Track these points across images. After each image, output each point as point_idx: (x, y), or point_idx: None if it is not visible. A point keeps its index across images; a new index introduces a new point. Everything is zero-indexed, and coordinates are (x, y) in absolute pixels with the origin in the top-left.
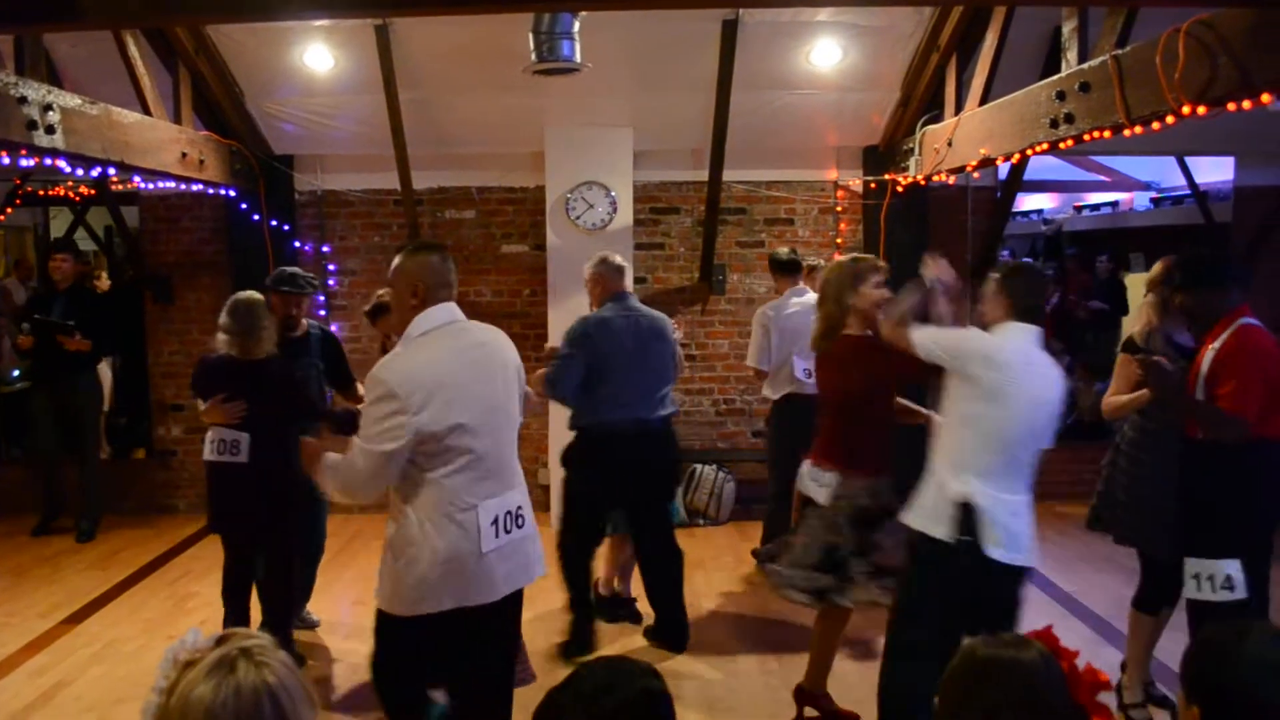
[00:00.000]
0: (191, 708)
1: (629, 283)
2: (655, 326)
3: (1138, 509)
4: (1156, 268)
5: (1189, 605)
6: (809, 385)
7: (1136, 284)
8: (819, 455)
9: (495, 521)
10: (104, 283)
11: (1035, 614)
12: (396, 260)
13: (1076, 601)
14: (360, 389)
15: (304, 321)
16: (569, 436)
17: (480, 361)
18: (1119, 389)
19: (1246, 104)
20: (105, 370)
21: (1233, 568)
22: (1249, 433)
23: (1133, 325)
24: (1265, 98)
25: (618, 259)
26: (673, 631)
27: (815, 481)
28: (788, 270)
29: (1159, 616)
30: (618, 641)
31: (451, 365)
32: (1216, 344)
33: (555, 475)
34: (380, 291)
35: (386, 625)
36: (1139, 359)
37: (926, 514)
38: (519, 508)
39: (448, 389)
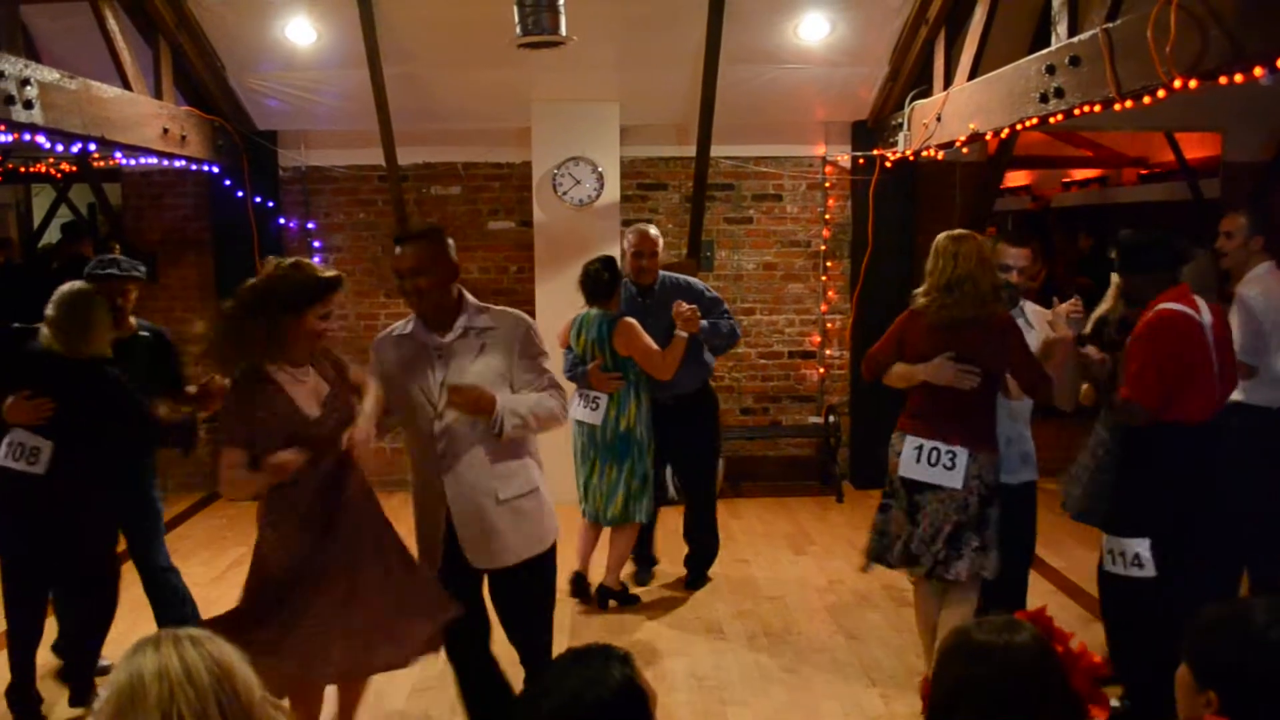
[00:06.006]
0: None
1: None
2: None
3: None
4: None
5: (1100, 576)
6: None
7: None
8: None
9: None
10: None
11: (1028, 593)
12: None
13: (1066, 579)
14: (192, 389)
15: (131, 319)
16: None
17: None
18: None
19: (1239, 77)
20: None
21: (1141, 546)
22: (1151, 417)
23: (1104, 305)
24: (1257, 70)
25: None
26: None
27: None
28: None
29: None
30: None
31: None
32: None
33: None
34: None
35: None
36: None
37: None
38: None
39: None
